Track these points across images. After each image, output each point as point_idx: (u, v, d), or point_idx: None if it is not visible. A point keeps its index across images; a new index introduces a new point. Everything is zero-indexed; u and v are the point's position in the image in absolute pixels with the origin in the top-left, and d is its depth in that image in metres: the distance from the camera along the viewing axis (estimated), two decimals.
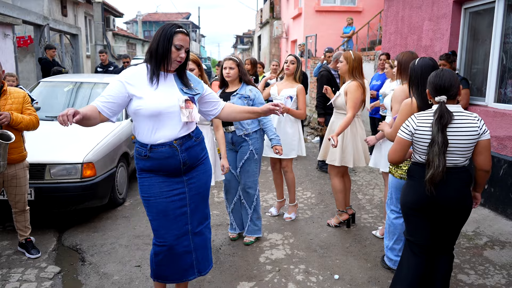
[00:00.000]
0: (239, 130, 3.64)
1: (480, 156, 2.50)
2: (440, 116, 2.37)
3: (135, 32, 35.56)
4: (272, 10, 19.66)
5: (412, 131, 2.48)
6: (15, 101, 3.34)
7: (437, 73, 2.48)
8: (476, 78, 5.30)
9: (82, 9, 15.29)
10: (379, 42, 10.15)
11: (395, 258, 3.28)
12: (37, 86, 5.69)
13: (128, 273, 3.31)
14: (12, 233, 3.87)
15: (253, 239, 3.83)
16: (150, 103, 2.29)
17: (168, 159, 2.38)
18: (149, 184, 2.42)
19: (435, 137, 2.36)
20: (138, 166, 2.45)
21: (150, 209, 2.45)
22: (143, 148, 2.38)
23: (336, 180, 4.14)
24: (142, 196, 2.46)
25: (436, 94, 2.45)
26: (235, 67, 3.62)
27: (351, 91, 3.84)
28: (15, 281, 3.16)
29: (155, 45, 2.32)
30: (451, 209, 2.47)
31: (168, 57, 2.32)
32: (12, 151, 3.27)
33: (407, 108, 2.86)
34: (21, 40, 10.50)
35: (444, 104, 2.42)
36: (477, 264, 3.50)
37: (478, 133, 2.45)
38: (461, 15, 5.41)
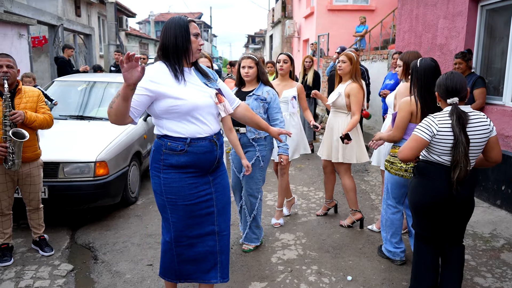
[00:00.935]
0: (251, 133, 3.48)
1: (493, 151, 2.61)
2: (458, 117, 2.45)
3: (147, 32, 35.82)
4: (284, 10, 19.61)
5: (434, 132, 2.51)
6: (30, 100, 3.37)
7: (448, 76, 2.56)
8: (493, 77, 5.19)
9: (96, 9, 15.44)
10: (392, 41, 10.04)
11: (393, 249, 3.41)
12: (51, 85, 5.75)
13: (140, 272, 3.31)
14: (26, 230, 3.91)
15: (252, 247, 3.67)
16: (187, 101, 2.20)
17: (206, 154, 2.30)
18: (178, 186, 2.30)
19: (459, 138, 2.44)
20: (168, 162, 2.28)
21: (176, 211, 2.33)
22: (178, 142, 2.25)
23: (346, 178, 4.12)
24: (168, 197, 2.32)
25: (448, 96, 2.53)
26: (254, 66, 3.49)
27: (354, 94, 3.89)
28: (29, 278, 3.19)
29: (172, 39, 2.23)
30: (465, 205, 2.61)
31: (189, 49, 2.25)
32: (26, 150, 3.30)
33: (406, 106, 3.01)
34: (35, 40, 10.64)
35: (457, 106, 2.50)
36: (494, 267, 3.42)
37: (490, 130, 2.55)
38: (478, 13, 5.31)
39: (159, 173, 2.32)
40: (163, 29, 2.28)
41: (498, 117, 4.73)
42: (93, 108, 5.33)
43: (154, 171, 2.35)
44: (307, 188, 5.51)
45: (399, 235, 3.40)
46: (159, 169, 2.31)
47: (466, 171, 2.46)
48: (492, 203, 4.75)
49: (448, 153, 2.51)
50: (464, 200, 2.58)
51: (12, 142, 3.17)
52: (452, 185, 2.50)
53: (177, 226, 2.36)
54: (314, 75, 7.34)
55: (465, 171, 2.46)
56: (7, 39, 7.85)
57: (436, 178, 2.57)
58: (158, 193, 2.35)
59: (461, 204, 2.59)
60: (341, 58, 4.00)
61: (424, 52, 6.40)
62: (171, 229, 2.37)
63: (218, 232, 2.43)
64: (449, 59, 5.65)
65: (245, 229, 3.69)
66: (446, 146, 2.50)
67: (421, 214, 2.70)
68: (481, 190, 4.94)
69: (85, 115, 5.18)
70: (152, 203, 4.88)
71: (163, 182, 2.31)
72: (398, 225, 3.37)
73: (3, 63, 3.21)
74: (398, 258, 3.42)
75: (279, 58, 4.17)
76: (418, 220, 2.76)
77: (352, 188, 4.12)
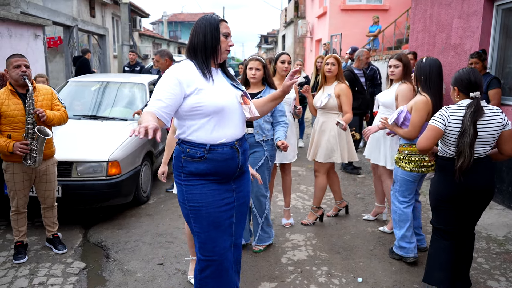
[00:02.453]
0: (259, 135, 3.43)
1: (507, 145, 2.73)
2: (475, 111, 2.59)
3: (160, 32, 36.07)
4: (296, 9, 19.55)
5: (446, 122, 2.66)
6: (45, 98, 3.43)
7: (468, 71, 2.70)
8: (509, 77, 5.10)
9: (110, 10, 15.61)
10: (406, 40, 9.94)
11: (407, 245, 3.43)
12: (65, 86, 5.83)
13: (151, 271, 3.34)
14: (41, 228, 3.97)
15: (263, 248, 3.66)
16: (213, 99, 2.11)
17: (227, 161, 2.19)
18: (201, 193, 2.18)
19: (467, 129, 2.58)
20: (187, 169, 2.17)
21: (199, 220, 2.20)
22: (197, 149, 2.14)
23: (323, 178, 4.22)
24: (191, 205, 2.20)
25: (470, 90, 2.67)
26: (261, 69, 3.44)
27: (345, 93, 4.03)
28: (43, 276, 3.24)
29: (201, 38, 2.16)
30: (481, 195, 2.74)
31: (218, 49, 2.18)
32: (44, 147, 3.36)
33: (425, 106, 3.16)
34: (51, 40, 10.79)
35: (479, 100, 2.64)
36: (508, 270, 3.36)
37: (503, 124, 2.68)
38: (493, 12, 5.22)
39: (180, 180, 2.22)
40: (193, 27, 2.22)
41: None
42: (106, 108, 5.39)
43: (176, 179, 2.26)
44: None
45: (411, 228, 3.44)
46: (180, 176, 2.22)
47: (469, 161, 2.59)
48: (507, 205, 4.67)
49: (455, 144, 2.66)
50: (481, 191, 2.71)
51: (36, 139, 3.24)
52: (455, 173, 2.64)
53: (200, 237, 2.22)
54: None
55: (469, 161, 2.59)
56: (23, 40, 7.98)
57: (450, 172, 2.70)
58: (181, 201, 2.25)
59: (478, 194, 2.72)
60: (330, 61, 4.05)
61: (438, 52, 6.32)
62: (196, 240, 2.26)
63: (234, 243, 2.34)
64: (463, 59, 5.57)
65: (256, 232, 3.65)
66: (454, 136, 2.66)
67: (438, 207, 2.84)
68: (496, 192, 4.85)
69: (98, 115, 5.25)
70: (164, 202, 4.92)
71: (185, 189, 2.20)
72: (410, 219, 3.43)
73: (21, 63, 3.27)
74: (412, 254, 3.41)
75: (283, 59, 3.94)
76: (436, 214, 2.90)
77: (324, 187, 4.26)
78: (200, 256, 2.25)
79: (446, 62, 6.02)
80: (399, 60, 3.67)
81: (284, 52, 4.06)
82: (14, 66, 3.25)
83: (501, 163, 4.77)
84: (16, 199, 3.43)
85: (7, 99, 3.28)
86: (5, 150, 3.21)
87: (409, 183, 3.36)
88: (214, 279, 2.24)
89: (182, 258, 3.53)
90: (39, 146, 3.27)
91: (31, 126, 3.26)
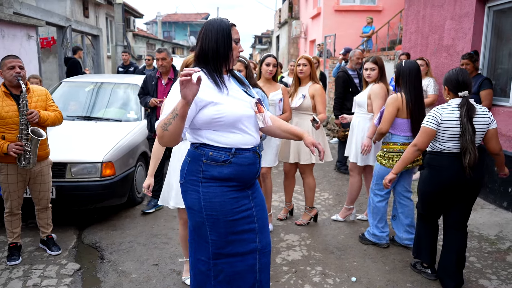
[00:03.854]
0: None
1: (492, 142, 2.95)
2: (468, 109, 2.81)
3: (154, 32, 35.99)
4: (290, 10, 19.60)
5: (439, 121, 2.87)
6: (39, 99, 3.42)
7: (457, 72, 2.91)
8: (500, 78, 5.16)
9: (103, 10, 15.55)
10: (399, 41, 10.00)
11: (380, 234, 3.76)
12: (59, 86, 5.81)
13: (145, 272, 3.34)
14: (34, 230, 3.96)
15: None
16: (231, 109, 2.03)
17: (250, 166, 2.12)
18: (220, 201, 2.08)
19: (466, 127, 2.79)
20: (208, 174, 2.06)
21: (216, 228, 2.10)
22: (222, 152, 2.05)
23: (312, 178, 4.28)
24: (208, 214, 2.08)
25: (458, 89, 2.88)
26: (244, 69, 3.42)
27: (319, 94, 4.07)
28: (37, 277, 3.23)
29: (213, 44, 2.04)
30: (473, 188, 2.94)
31: (230, 56, 2.08)
32: (38, 148, 3.35)
33: (394, 102, 3.45)
34: (44, 41, 10.72)
35: (468, 98, 2.86)
36: (500, 269, 3.41)
37: (489, 122, 2.90)
38: (485, 14, 5.28)
39: (197, 187, 2.08)
40: (203, 31, 2.09)
41: (505, 118, 4.70)
42: (100, 109, 5.38)
43: (191, 184, 2.10)
44: None
45: (384, 220, 3.76)
46: (198, 182, 2.08)
47: (475, 156, 2.79)
48: (499, 205, 4.72)
49: (451, 140, 2.87)
50: (475, 183, 2.92)
51: (30, 140, 3.24)
52: (465, 170, 2.83)
53: (217, 244, 2.12)
54: (321, 76, 7.36)
55: (474, 157, 2.79)
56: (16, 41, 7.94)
57: (443, 166, 2.93)
58: (196, 210, 2.10)
59: (471, 187, 2.94)
60: (301, 62, 4.08)
61: (430, 53, 6.38)
62: (209, 247, 2.14)
63: (259, 249, 2.22)
64: (455, 60, 5.63)
65: None
66: (450, 134, 2.86)
67: (430, 201, 3.09)
68: (488, 192, 4.91)
69: (92, 116, 5.23)
70: None
71: (202, 197, 2.07)
72: (383, 212, 3.74)
73: (16, 64, 3.26)
74: (384, 241, 3.76)
75: (268, 61, 3.94)
76: (422, 203, 3.17)
77: (314, 187, 4.31)
78: (214, 262, 2.14)
79: (439, 63, 6.08)
80: (375, 63, 3.91)
81: (270, 54, 4.05)
82: (8, 67, 3.24)
83: (493, 164, 4.81)
84: (10, 200, 3.42)
85: (0, 100, 3.27)
86: (0, 151, 3.20)
87: (382, 179, 3.56)
88: (227, 282, 2.16)
89: (176, 259, 3.54)
90: (33, 148, 3.26)
91: (25, 127, 3.25)
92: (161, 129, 1.90)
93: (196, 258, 2.20)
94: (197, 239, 2.19)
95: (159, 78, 4.61)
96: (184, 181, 2.13)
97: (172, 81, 4.49)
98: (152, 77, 4.65)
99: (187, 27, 42.86)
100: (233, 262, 2.15)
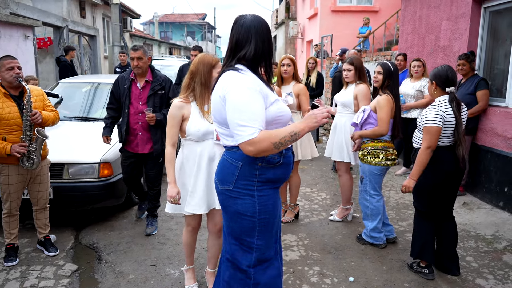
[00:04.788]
0: None
1: None
2: (457, 104, 3.02)
3: (151, 33, 35.93)
4: (287, 11, 19.61)
5: (444, 118, 2.99)
6: (37, 99, 3.42)
7: (446, 69, 3.07)
8: (496, 79, 5.19)
9: (100, 10, 15.52)
10: (396, 42, 10.03)
11: (378, 235, 3.76)
12: (56, 87, 5.80)
13: (143, 272, 3.34)
14: (32, 231, 3.95)
15: None
16: (286, 108, 2.04)
17: (291, 164, 2.13)
18: (273, 203, 2.05)
19: (459, 120, 2.99)
20: (264, 177, 2.01)
21: (264, 232, 2.05)
22: (275, 154, 1.99)
23: (298, 175, 4.37)
24: (262, 217, 2.02)
25: (446, 85, 3.05)
26: None
27: (304, 93, 4.16)
28: (34, 278, 3.23)
29: (265, 44, 2.01)
30: (457, 176, 3.14)
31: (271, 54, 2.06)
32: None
33: (389, 103, 3.55)
34: (41, 41, 10.70)
35: (455, 93, 3.04)
36: (496, 268, 3.42)
37: (466, 114, 3.16)
38: (481, 15, 5.31)
39: (251, 191, 2.00)
40: (254, 29, 2.00)
41: (501, 119, 4.73)
42: (97, 110, 5.37)
43: (244, 189, 2.01)
44: (310, 189, 5.52)
45: (382, 221, 3.77)
46: (252, 186, 2.00)
47: (465, 147, 3.02)
48: (495, 204, 4.75)
49: (450, 136, 3.03)
50: (458, 171, 3.12)
51: (35, 140, 3.24)
52: (459, 161, 3.03)
53: (261, 249, 2.07)
54: (318, 77, 7.35)
55: (465, 148, 3.01)
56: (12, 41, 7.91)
57: (446, 159, 3.06)
58: (248, 215, 2.02)
59: (456, 175, 3.13)
60: (285, 62, 4.17)
61: (427, 53, 6.40)
62: (253, 254, 2.07)
63: (278, 250, 2.22)
64: (452, 61, 5.65)
65: None
66: (449, 129, 3.02)
67: (428, 193, 3.16)
68: (484, 192, 4.94)
69: (90, 116, 5.22)
70: None
71: (258, 201, 2.00)
72: (383, 210, 3.76)
73: (15, 64, 3.25)
74: (382, 241, 3.77)
75: None
76: (422, 199, 3.22)
77: (299, 184, 4.40)
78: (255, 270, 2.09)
79: (435, 64, 6.10)
80: (351, 64, 4.05)
81: None
82: (7, 68, 3.23)
83: (490, 164, 4.85)
84: (10, 201, 3.41)
85: (0, 102, 3.26)
86: (3, 152, 3.19)
87: (377, 177, 3.67)
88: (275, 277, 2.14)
89: (174, 260, 3.54)
90: (38, 148, 3.27)
91: (29, 128, 3.25)
92: (272, 146, 1.86)
93: (232, 266, 2.13)
94: (236, 247, 2.10)
95: (133, 80, 3.89)
96: (234, 187, 2.03)
97: (150, 84, 3.88)
98: (124, 79, 3.93)
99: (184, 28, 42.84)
100: (269, 265, 2.12)
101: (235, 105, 1.88)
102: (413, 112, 5.73)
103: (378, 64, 3.66)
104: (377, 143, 3.64)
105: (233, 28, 2.05)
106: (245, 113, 1.85)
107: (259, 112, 1.87)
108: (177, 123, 2.74)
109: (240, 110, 1.86)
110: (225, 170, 2.07)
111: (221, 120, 2.04)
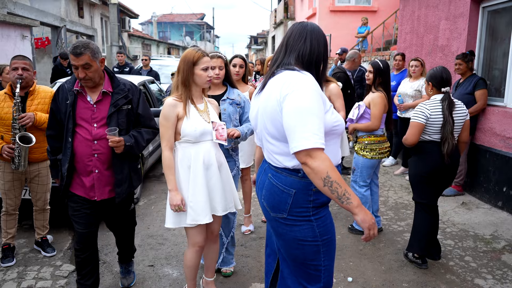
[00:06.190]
0: (229, 141, 2.96)
1: (464, 132, 3.30)
2: (449, 103, 3.15)
3: (150, 33, 35.91)
4: (286, 11, 19.63)
5: (428, 116, 3.15)
6: (41, 102, 3.38)
7: (441, 70, 3.24)
8: (495, 78, 5.19)
9: (98, 10, 15.50)
10: (394, 42, 10.04)
11: None
12: (53, 87, 5.77)
13: (141, 273, 3.33)
14: (29, 231, 3.93)
15: (232, 269, 3.30)
16: (341, 118, 1.90)
17: None
18: (330, 222, 1.96)
19: (448, 119, 3.12)
20: (319, 201, 1.88)
21: (329, 251, 1.94)
22: None
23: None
24: (324, 238, 1.90)
25: (442, 85, 3.22)
26: (224, 67, 3.10)
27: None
28: (31, 279, 3.21)
29: (322, 49, 1.88)
30: (452, 172, 3.29)
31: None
32: (35, 151, 3.34)
33: (382, 100, 3.75)
34: (38, 41, 10.68)
35: (449, 94, 3.19)
36: (495, 268, 3.42)
37: (466, 114, 3.26)
38: (479, 14, 5.31)
39: (308, 217, 1.87)
40: (310, 34, 1.87)
41: (499, 119, 4.72)
42: None
43: (298, 216, 1.87)
44: None
45: (370, 209, 3.98)
46: (308, 212, 1.87)
47: (453, 145, 3.13)
48: (494, 204, 4.75)
49: (438, 132, 3.18)
50: (453, 167, 3.26)
51: (18, 145, 3.21)
52: (443, 157, 3.16)
53: (329, 268, 1.95)
54: None
55: (452, 145, 3.13)
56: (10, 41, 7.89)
57: (433, 151, 3.22)
58: (309, 240, 1.88)
59: (450, 172, 3.27)
60: (237, 62, 3.80)
61: (426, 53, 6.40)
62: (321, 276, 1.94)
63: None
64: (450, 61, 5.65)
65: (220, 253, 3.22)
66: (437, 126, 3.17)
67: (418, 183, 3.33)
68: (483, 191, 4.94)
69: None
70: (154, 204, 4.90)
71: (316, 224, 1.88)
72: (369, 200, 3.99)
73: (19, 65, 3.22)
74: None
75: (235, 62, 3.78)
76: (416, 190, 3.39)
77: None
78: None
79: (434, 63, 6.10)
80: None
81: (237, 55, 3.89)
82: (12, 68, 3.21)
83: (488, 164, 4.85)
84: (6, 199, 3.41)
85: (3, 101, 3.26)
86: None
87: (369, 169, 3.91)
88: None
89: (172, 260, 3.53)
90: (23, 153, 3.22)
91: (17, 131, 3.22)
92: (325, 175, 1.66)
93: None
94: (302, 273, 1.96)
95: (79, 93, 2.65)
96: (288, 215, 1.88)
97: (110, 97, 2.67)
98: (65, 92, 2.65)
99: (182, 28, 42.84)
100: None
101: (300, 107, 1.67)
102: (411, 112, 5.72)
103: (370, 63, 3.87)
104: (374, 138, 3.86)
105: (288, 30, 1.96)
106: (313, 117, 1.66)
107: (322, 119, 1.71)
108: (172, 124, 2.50)
109: (308, 112, 1.66)
110: (276, 197, 1.90)
111: (274, 132, 1.83)
